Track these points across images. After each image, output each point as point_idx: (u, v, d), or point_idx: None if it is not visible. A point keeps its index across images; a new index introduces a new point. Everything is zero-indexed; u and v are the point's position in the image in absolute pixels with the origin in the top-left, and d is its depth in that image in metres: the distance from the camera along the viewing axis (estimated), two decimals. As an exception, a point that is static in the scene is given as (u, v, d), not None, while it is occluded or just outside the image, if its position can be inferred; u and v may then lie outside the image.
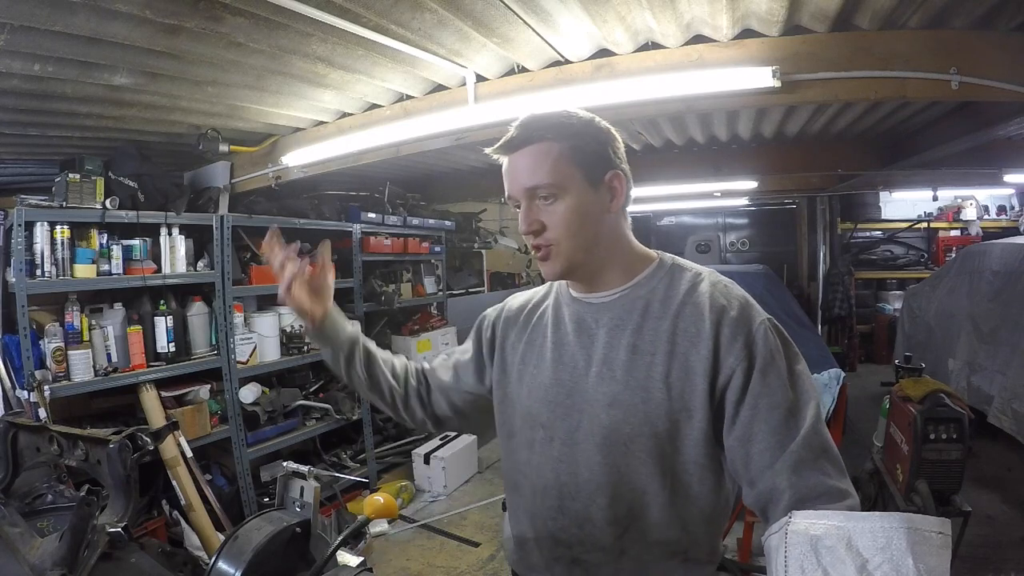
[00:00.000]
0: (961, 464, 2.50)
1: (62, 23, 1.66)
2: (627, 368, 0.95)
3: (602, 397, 0.97)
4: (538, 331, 1.11)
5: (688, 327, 0.94)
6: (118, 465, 1.03)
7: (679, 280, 1.00)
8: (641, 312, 0.98)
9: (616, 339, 0.98)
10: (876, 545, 0.68)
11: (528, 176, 0.97)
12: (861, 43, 1.92)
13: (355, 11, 1.76)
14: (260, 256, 3.45)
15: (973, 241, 6.98)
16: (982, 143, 3.27)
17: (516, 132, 1.00)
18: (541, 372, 1.06)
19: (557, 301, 1.12)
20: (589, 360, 1.00)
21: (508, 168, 1.01)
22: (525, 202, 0.99)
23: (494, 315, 1.21)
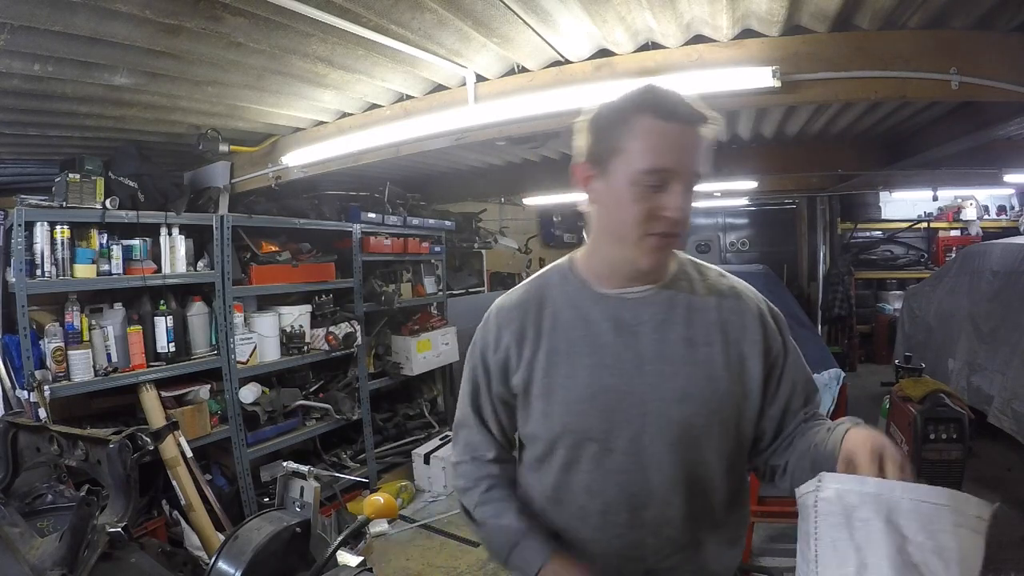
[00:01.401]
0: (961, 464, 2.50)
1: (62, 23, 1.66)
2: (688, 361, 0.95)
3: (669, 393, 0.93)
4: (558, 336, 0.99)
5: (733, 317, 0.98)
6: (118, 465, 1.03)
7: (707, 274, 1.04)
8: (686, 305, 0.98)
9: (666, 334, 0.96)
10: (920, 522, 0.62)
11: (700, 160, 0.88)
12: (861, 43, 1.92)
13: (355, 11, 1.76)
14: (259, 256, 3.46)
15: (973, 241, 6.98)
16: (982, 143, 3.27)
17: (683, 99, 0.88)
18: (578, 381, 0.96)
19: (570, 299, 1.01)
20: (640, 358, 0.95)
21: (676, 138, 0.86)
22: (683, 185, 0.88)
23: (491, 340, 1.05)
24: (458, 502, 1.11)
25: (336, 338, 3.74)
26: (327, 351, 3.74)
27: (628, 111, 0.88)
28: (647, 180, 0.87)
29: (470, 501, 1.06)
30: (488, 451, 1.08)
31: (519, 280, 5.54)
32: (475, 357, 1.09)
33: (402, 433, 4.49)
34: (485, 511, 1.04)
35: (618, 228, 0.92)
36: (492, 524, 1.03)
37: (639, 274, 0.96)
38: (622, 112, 0.89)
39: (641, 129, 0.86)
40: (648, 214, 0.88)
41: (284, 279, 3.57)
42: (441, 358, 4.63)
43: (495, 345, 1.04)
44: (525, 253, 6.96)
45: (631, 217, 0.89)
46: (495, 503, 1.04)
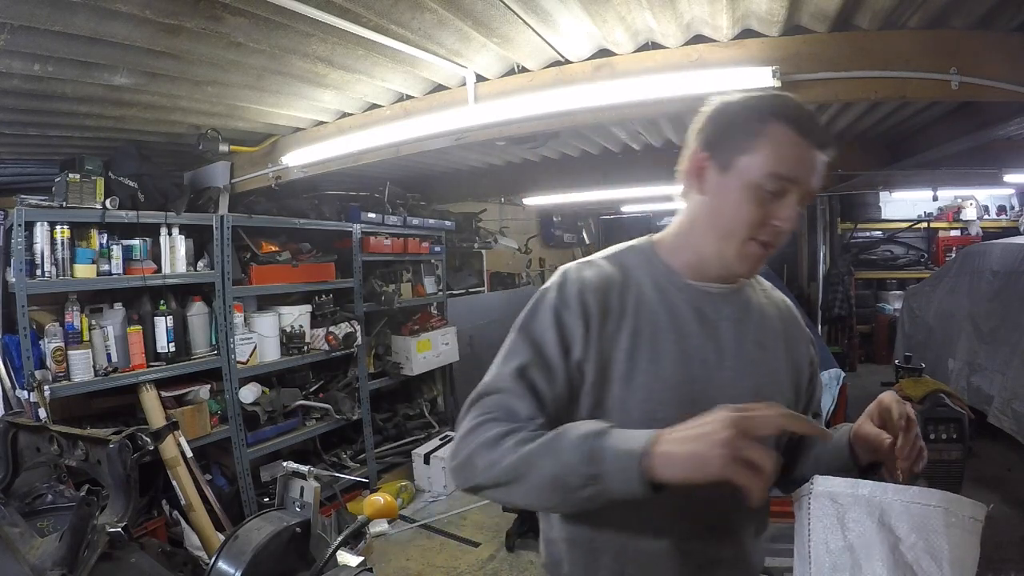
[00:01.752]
0: (961, 464, 2.51)
1: (62, 23, 1.66)
2: (760, 362, 0.97)
3: (746, 391, 0.92)
4: (644, 319, 0.93)
5: (790, 326, 1.05)
6: (118, 465, 1.03)
7: (764, 284, 1.09)
8: (758, 308, 1.02)
9: (743, 333, 0.97)
10: (911, 523, 0.63)
11: (819, 182, 0.89)
12: (861, 43, 1.92)
13: (355, 11, 1.76)
14: (259, 256, 3.46)
15: (973, 241, 6.98)
16: (982, 143, 3.26)
17: (819, 123, 0.90)
18: (661, 369, 0.90)
19: (656, 283, 0.96)
20: (721, 353, 0.94)
21: (808, 157, 0.87)
22: (799, 199, 0.88)
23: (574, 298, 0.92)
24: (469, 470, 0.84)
25: (336, 338, 3.74)
26: (327, 351, 3.74)
27: (766, 114, 0.87)
28: (769, 185, 0.86)
29: (501, 448, 0.81)
30: (533, 418, 0.86)
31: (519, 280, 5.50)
32: (540, 317, 0.93)
33: (402, 433, 4.50)
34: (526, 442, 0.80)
35: (725, 225, 0.90)
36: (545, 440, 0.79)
37: (728, 275, 0.96)
38: (759, 113, 0.88)
39: (777, 135, 0.86)
40: (760, 219, 0.87)
41: (284, 279, 3.57)
42: (441, 358, 4.63)
43: (580, 311, 0.91)
44: (525, 253, 6.95)
45: (743, 218, 0.88)
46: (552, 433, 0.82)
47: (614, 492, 0.74)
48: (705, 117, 0.95)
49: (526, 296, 3.50)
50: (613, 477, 0.73)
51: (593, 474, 0.74)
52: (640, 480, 0.71)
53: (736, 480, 0.66)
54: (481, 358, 5.38)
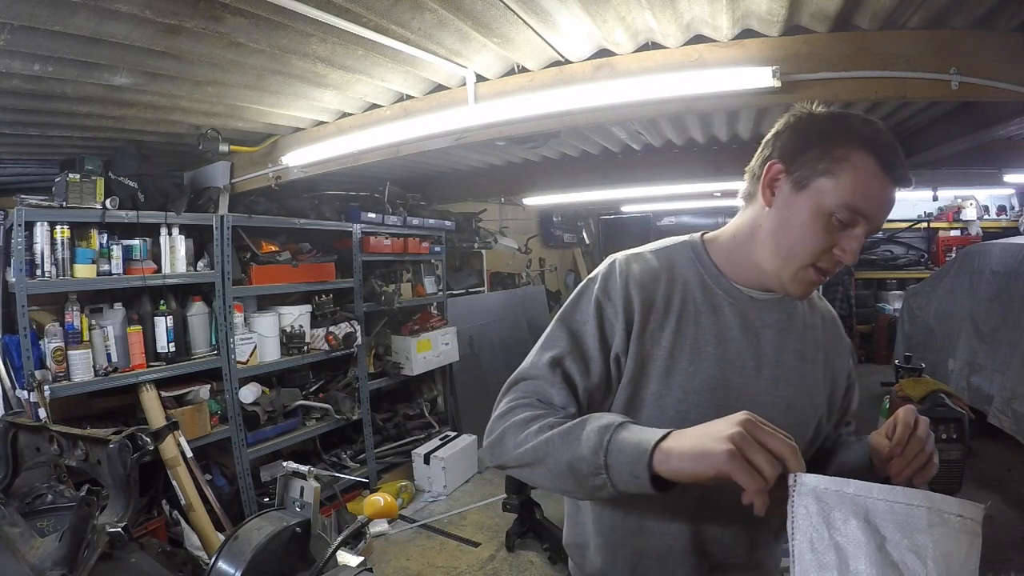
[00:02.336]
0: (961, 464, 2.51)
1: (62, 23, 1.66)
2: (799, 374, 0.97)
3: (780, 401, 0.93)
4: (687, 318, 0.93)
5: (831, 337, 1.03)
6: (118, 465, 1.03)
7: None
8: (801, 319, 1.00)
9: (784, 343, 0.96)
10: (895, 522, 0.63)
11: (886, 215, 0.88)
12: (861, 43, 1.92)
13: (355, 11, 1.76)
14: (259, 256, 3.46)
15: (973, 241, 6.99)
16: (982, 143, 3.27)
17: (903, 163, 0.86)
18: (700, 371, 0.91)
19: (703, 283, 0.96)
20: (759, 361, 0.94)
21: (886, 195, 0.85)
22: (866, 234, 0.86)
23: (619, 291, 0.92)
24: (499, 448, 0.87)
25: (336, 338, 3.74)
26: (327, 351, 3.74)
27: (853, 141, 0.84)
28: (842, 214, 0.84)
29: (529, 431, 0.84)
30: (565, 407, 0.88)
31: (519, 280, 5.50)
32: (583, 307, 0.94)
33: (402, 433, 4.50)
34: (553, 427, 0.83)
35: (789, 246, 0.88)
36: (569, 425, 0.81)
37: (780, 291, 0.94)
38: (847, 136, 0.85)
39: (861, 165, 0.83)
40: (825, 247, 0.86)
41: (284, 279, 3.57)
42: (441, 358, 4.63)
43: (623, 304, 0.91)
44: (525, 253, 6.95)
45: (808, 243, 0.86)
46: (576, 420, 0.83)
47: (620, 484, 0.74)
48: (786, 124, 0.92)
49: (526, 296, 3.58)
50: (621, 469, 0.73)
51: (603, 464, 0.74)
52: (645, 474, 0.71)
53: (736, 478, 0.65)
54: (481, 358, 5.38)
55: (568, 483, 0.80)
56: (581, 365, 0.90)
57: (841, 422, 1.08)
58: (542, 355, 0.92)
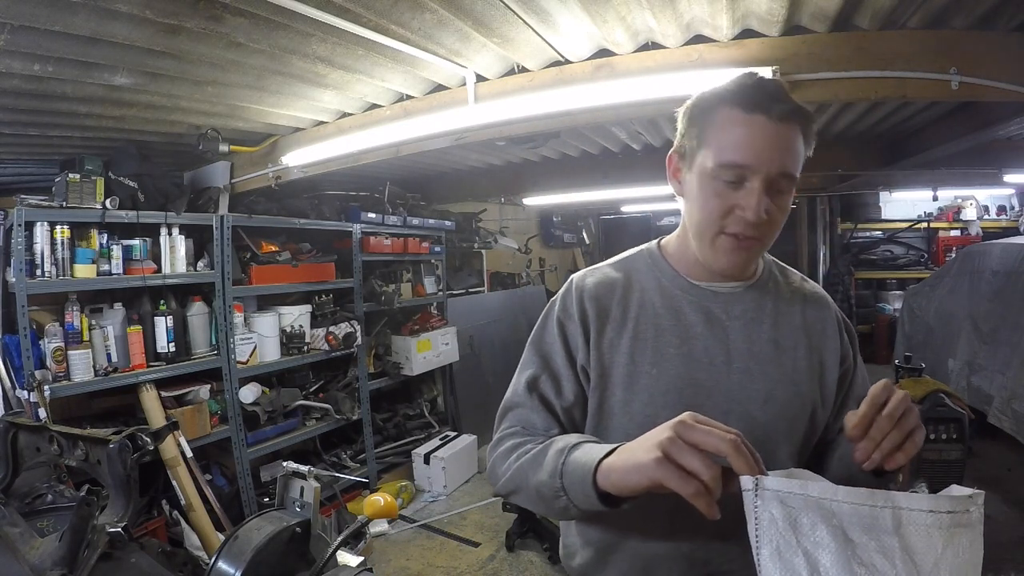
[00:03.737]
0: (961, 464, 2.50)
1: (62, 23, 1.66)
2: (775, 363, 0.93)
3: (755, 394, 0.90)
4: (645, 322, 0.93)
5: (815, 322, 0.98)
6: (118, 465, 1.03)
7: (790, 277, 1.04)
8: (773, 306, 0.96)
9: (755, 332, 0.93)
10: (862, 524, 0.60)
11: (786, 157, 0.81)
12: (861, 43, 1.92)
13: (355, 11, 1.76)
14: (259, 256, 3.46)
15: (973, 241, 6.98)
16: (982, 143, 3.27)
17: (774, 90, 0.82)
18: (664, 372, 0.90)
19: (660, 285, 0.96)
20: (728, 355, 0.91)
21: (758, 133, 0.80)
22: (766, 184, 0.81)
23: (574, 307, 0.95)
24: (493, 480, 0.94)
25: (336, 338, 3.74)
26: (327, 351, 3.74)
27: (715, 101, 0.84)
28: (724, 175, 0.83)
29: (509, 462, 0.89)
30: (548, 429, 0.93)
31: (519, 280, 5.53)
32: (547, 328, 0.98)
33: (402, 433, 4.50)
34: (527, 454, 0.87)
35: (697, 224, 0.89)
36: (537, 451, 0.85)
37: (729, 273, 0.93)
38: (710, 102, 0.85)
39: (724, 121, 0.83)
40: (723, 211, 0.84)
41: (284, 279, 3.57)
42: (441, 358, 4.63)
43: (579, 318, 0.94)
44: (525, 253, 6.95)
45: (707, 213, 0.86)
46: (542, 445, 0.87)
47: (580, 504, 0.75)
48: (678, 117, 0.93)
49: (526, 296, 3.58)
50: (574, 490, 0.75)
51: (560, 487, 0.77)
52: (593, 492, 0.72)
53: (668, 485, 0.64)
54: (481, 358, 5.38)
55: (542, 506, 0.84)
56: (554, 385, 0.94)
57: (844, 411, 1.00)
58: (520, 379, 0.97)
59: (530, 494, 0.85)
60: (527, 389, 0.94)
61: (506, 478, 0.89)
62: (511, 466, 0.88)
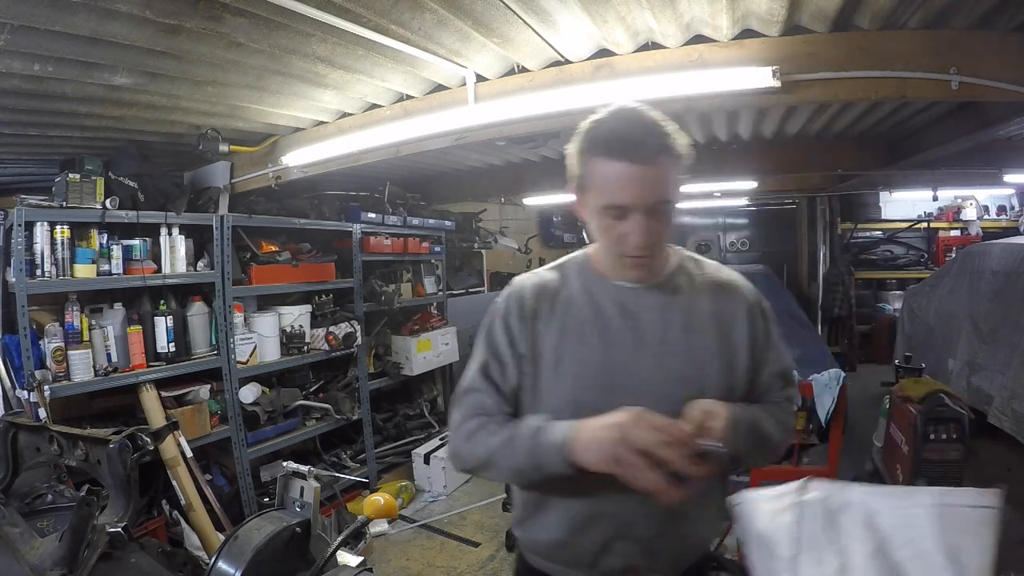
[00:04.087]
0: (961, 464, 2.51)
1: (62, 23, 1.66)
2: (685, 345, 1.05)
3: (667, 374, 1.03)
4: (571, 317, 1.08)
5: (726, 307, 1.09)
6: (118, 465, 1.03)
7: (704, 266, 1.15)
8: (685, 296, 1.09)
9: (666, 320, 1.06)
10: (897, 523, 0.62)
11: (657, 191, 0.96)
12: (861, 43, 1.92)
13: (355, 11, 1.76)
14: (259, 256, 3.46)
15: (973, 241, 6.98)
16: (982, 143, 3.27)
17: (637, 136, 0.95)
18: (585, 358, 1.04)
19: (587, 286, 1.10)
20: (641, 341, 1.05)
21: (626, 178, 0.94)
22: (645, 216, 0.96)
23: (514, 304, 1.11)
24: (459, 459, 1.09)
25: (336, 338, 3.74)
26: (327, 351, 3.74)
27: (587, 151, 0.99)
28: (608, 214, 0.98)
29: (476, 441, 1.05)
30: (499, 409, 1.09)
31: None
32: (494, 323, 1.12)
33: (402, 433, 4.50)
34: (492, 435, 1.03)
35: (604, 247, 1.06)
36: (504, 436, 1.02)
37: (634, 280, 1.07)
38: (583, 151, 1.00)
39: (597, 169, 0.97)
40: (615, 239, 1.00)
41: (284, 279, 3.57)
42: (441, 358, 4.63)
43: (517, 314, 1.10)
44: (525, 253, 6.95)
45: (606, 240, 1.03)
46: (505, 427, 1.04)
47: (555, 474, 0.96)
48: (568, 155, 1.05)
49: None
50: (550, 465, 0.95)
51: (537, 464, 0.97)
52: (567, 465, 0.93)
53: (621, 477, 0.85)
54: (481, 358, 5.37)
55: (518, 480, 1.09)
56: (500, 369, 1.09)
57: (769, 386, 1.12)
58: (472, 367, 1.13)
59: (505, 472, 1.04)
60: (480, 375, 1.10)
61: (477, 457, 1.05)
62: (479, 447, 1.04)
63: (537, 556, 1.14)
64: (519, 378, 1.08)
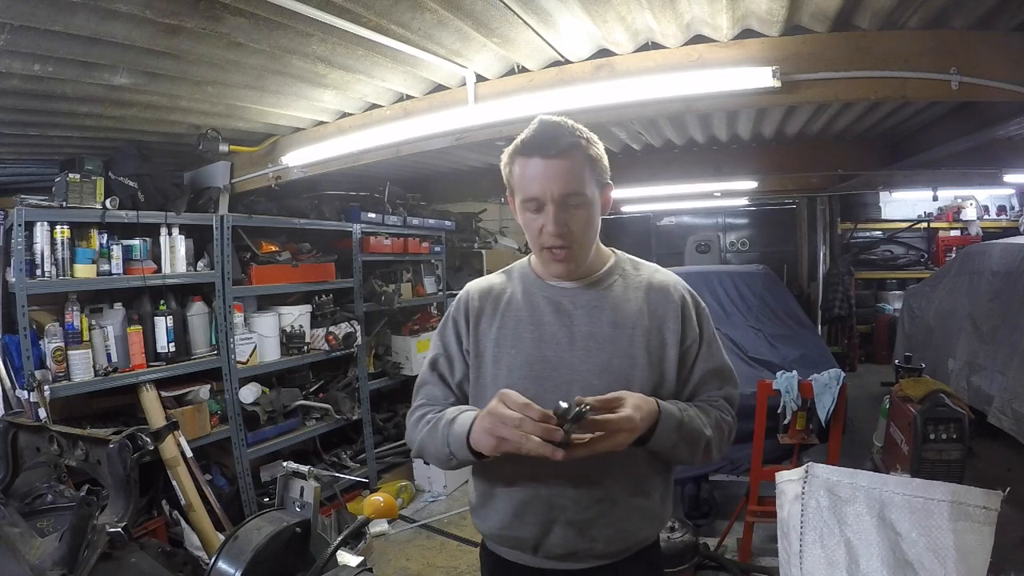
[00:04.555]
0: (961, 464, 2.50)
1: (62, 23, 1.66)
2: (612, 340, 1.12)
3: (593, 367, 1.11)
4: (509, 315, 1.18)
5: (657, 307, 1.16)
6: (118, 465, 1.03)
7: (640, 268, 1.23)
8: (617, 295, 1.16)
9: (596, 317, 1.14)
10: (913, 518, 0.60)
11: (566, 182, 1.05)
12: (861, 43, 1.92)
13: (355, 11, 1.76)
14: (259, 256, 3.46)
15: (973, 241, 6.98)
16: (982, 143, 3.27)
17: (548, 136, 1.05)
18: (520, 352, 1.14)
19: (526, 287, 1.20)
20: (572, 336, 1.13)
21: (539, 171, 1.06)
22: (556, 206, 1.06)
23: (462, 306, 1.24)
24: (410, 445, 1.22)
25: (336, 338, 3.74)
26: (327, 351, 3.74)
27: (511, 156, 1.11)
28: (527, 208, 1.09)
29: (416, 429, 1.17)
30: (446, 400, 1.21)
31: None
32: (446, 322, 1.25)
33: (402, 433, 4.48)
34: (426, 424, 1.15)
35: (529, 243, 1.16)
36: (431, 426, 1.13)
37: (568, 275, 1.15)
38: (509, 158, 1.12)
39: (516, 170, 1.10)
40: (536, 232, 1.10)
41: (284, 279, 3.57)
42: (441, 358, 4.62)
43: (464, 314, 1.22)
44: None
45: (529, 234, 1.13)
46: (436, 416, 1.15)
47: (465, 462, 1.08)
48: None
49: None
50: (458, 453, 1.05)
51: (450, 453, 1.07)
52: (470, 454, 1.03)
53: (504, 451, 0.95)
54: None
55: (442, 466, 1.16)
56: (448, 364, 1.22)
57: (704, 384, 1.16)
58: (426, 361, 1.26)
59: (431, 456, 1.14)
60: (431, 369, 1.24)
61: (415, 444, 1.18)
62: (418, 434, 1.16)
63: (491, 541, 1.22)
64: (465, 371, 1.20)
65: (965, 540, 0.59)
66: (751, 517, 2.88)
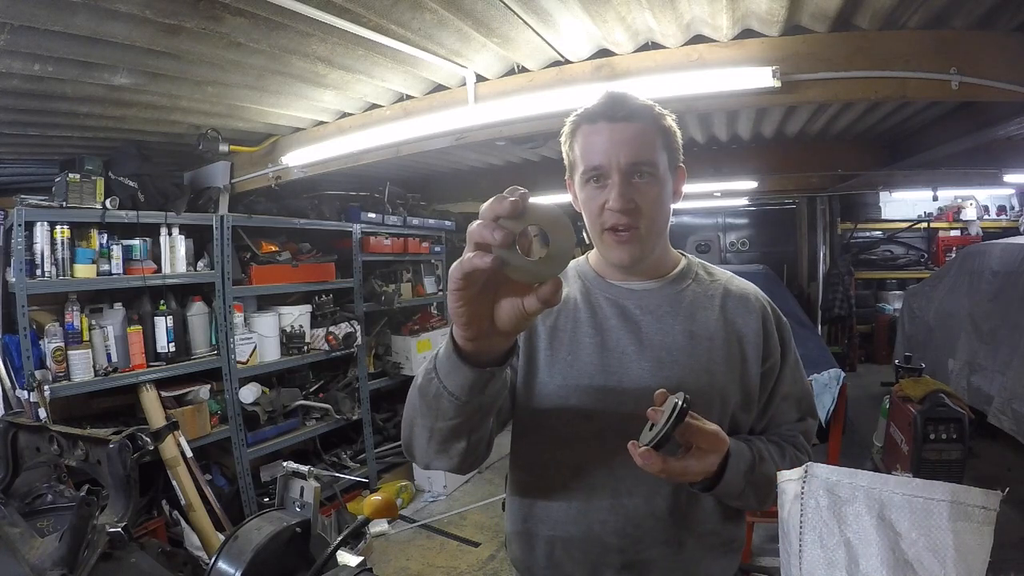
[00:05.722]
0: (961, 464, 2.51)
1: (62, 23, 1.66)
2: (688, 353, 0.97)
3: (665, 381, 0.93)
4: (566, 317, 1.02)
5: (736, 318, 1.01)
6: (118, 465, 1.03)
7: (714, 274, 1.09)
8: (691, 301, 1.02)
9: (669, 325, 0.99)
10: (913, 518, 0.59)
11: (635, 150, 0.92)
12: (861, 43, 1.92)
13: (355, 11, 1.76)
14: (259, 256, 3.46)
15: (973, 241, 6.99)
16: (982, 143, 3.27)
17: (616, 99, 0.93)
18: (579, 360, 0.98)
19: (582, 287, 1.06)
20: (640, 346, 0.98)
21: (604, 136, 0.93)
22: (622, 177, 0.92)
23: None
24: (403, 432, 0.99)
25: (336, 338, 3.74)
26: (327, 351, 3.74)
27: (573, 127, 0.99)
28: (590, 182, 0.96)
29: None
30: None
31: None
32: None
33: (402, 433, 4.49)
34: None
35: (589, 227, 1.00)
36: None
37: (622, 269, 1.01)
38: (571, 130, 1.00)
39: (582, 136, 0.97)
40: (598, 209, 0.95)
41: (284, 279, 3.57)
42: (441, 358, 4.62)
43: None
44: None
45: (589, 215, 0.98)
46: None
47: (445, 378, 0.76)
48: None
49: None
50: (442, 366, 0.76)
51: (431, 368, 0.79)
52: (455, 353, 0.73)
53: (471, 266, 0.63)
54: (481, 358, 5.38)
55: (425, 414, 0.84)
56: None
57: (782, 414, 1.03)
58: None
59: (412, 412, 0.89)
60: None
61: (404, 424, 0.94)
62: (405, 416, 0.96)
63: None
64: (512, 376, 1.03)
65: (964, 540, 0.59)
66: (751, 517, 2.89)
